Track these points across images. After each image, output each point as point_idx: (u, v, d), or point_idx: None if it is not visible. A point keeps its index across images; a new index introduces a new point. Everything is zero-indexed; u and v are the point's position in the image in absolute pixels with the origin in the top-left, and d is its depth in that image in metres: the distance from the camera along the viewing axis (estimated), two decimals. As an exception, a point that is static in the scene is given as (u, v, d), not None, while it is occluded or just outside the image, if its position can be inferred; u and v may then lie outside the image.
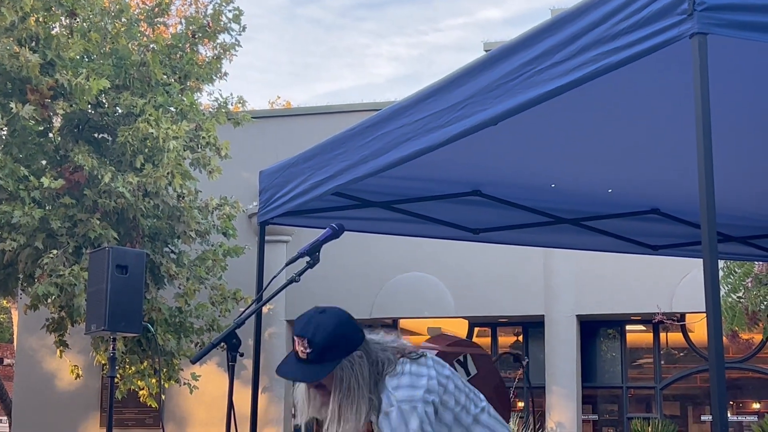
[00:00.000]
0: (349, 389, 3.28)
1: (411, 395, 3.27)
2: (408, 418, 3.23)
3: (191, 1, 24.43)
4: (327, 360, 3.33)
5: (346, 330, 3.39)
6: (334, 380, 3.31)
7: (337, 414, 3.29)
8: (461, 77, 4.08)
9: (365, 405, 3.28)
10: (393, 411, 3.24)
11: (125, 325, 7.47)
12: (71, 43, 12.22)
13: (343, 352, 3.33)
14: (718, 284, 2.90)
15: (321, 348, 3.34)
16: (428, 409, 3.27)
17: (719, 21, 2.99)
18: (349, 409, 3.27)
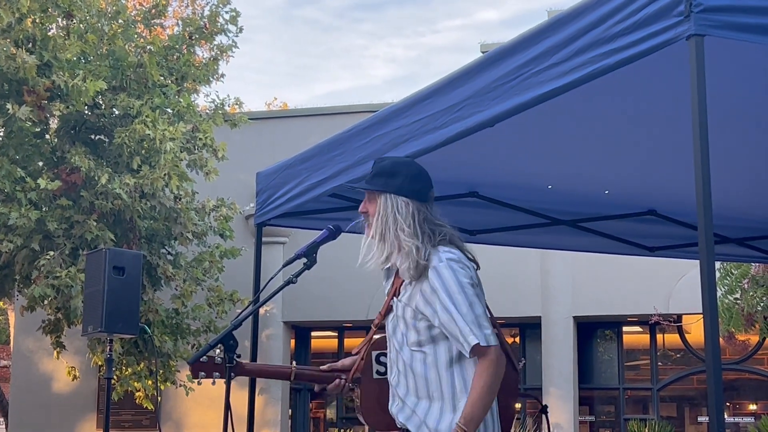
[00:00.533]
0: (386, 222, 3.53)
1: (460, 257, 3.50)
2: (458, 273, 3.44)
3: (188, 2, 24.44)
4: (374, 183, 3.60)
5: (407, 173, 3.62)
6: (377, 208, 3.56)
7: (377, 237, 3.56)
8: (458, 79, 4.08)
9: (404, 242, 3.50)
10: (443, 266, 3.45)
11: (122, 326, 7.47)
12: (68, 45, 12.21)
13: (390, 187, 3.55)
14: (714, 286, 2.91)
15: (376, 171, 3.64)
16: (473, 275, 3.52)
17: (716, 22, 2.99)
18: (386, 237, 3.53)
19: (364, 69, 52.67)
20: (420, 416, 3.52)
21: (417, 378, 3.53)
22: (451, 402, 3.47)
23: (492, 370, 3.39)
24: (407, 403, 3.57)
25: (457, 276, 3.43)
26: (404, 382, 3.59)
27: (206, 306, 13.82)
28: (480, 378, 3.38)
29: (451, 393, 3.48)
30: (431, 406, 3.50)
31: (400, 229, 3.50)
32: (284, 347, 17.11)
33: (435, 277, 3.44)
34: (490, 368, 3.39)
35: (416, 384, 3.54)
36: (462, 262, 3.48)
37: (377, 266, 3.59)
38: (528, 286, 16.05)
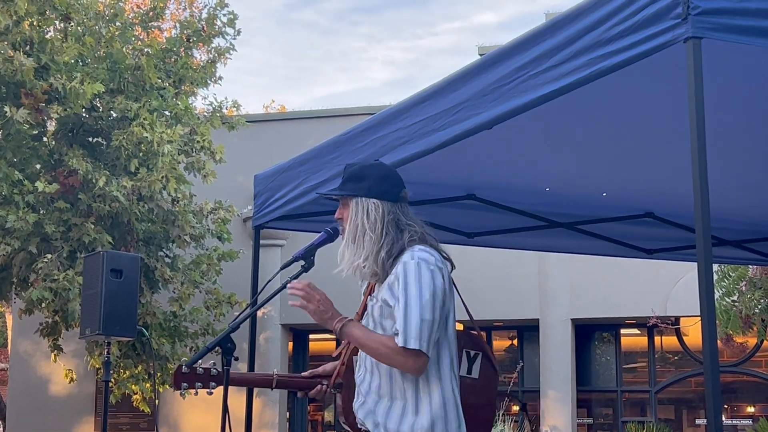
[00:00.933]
0: (355, 226, 3.55)
1: (434, 259, 3.50)
2: (423, 274, 3.43)
3: (186, 5, 24.43)
4: (344, 188, 3.64)
5: (374, 175, 3.64)
6: (349, 213, 3.60)
7: (348, 241, 3.57)
8: (456, 81, 4.08)
9: (369, 246, 3.52)
10: (412, 263, 3.45)
11: (120, 329, 7.45)
12: (65, 47, 12.20)
13: (359, 191, 3.59)
14: (712, 288, 2.90)
15: (346, 176, 3.68)
16: (440, 282, 3.48)
17: (713, 25, 2.99)
18: (354, 241, 3.55)
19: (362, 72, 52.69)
20: (379, 416, 3.53)
21: (382, 376, 3.54)
22: (413, 403, 3.48)
23: (399, 364, 3.42)
24: (368, 401, 3.59)
25: (422, 276, 3.43)
26: (369, 379, 3.60)
27: (204, 309, 13.81)
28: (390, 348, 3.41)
29: (414, 394, 3.48)
30: (392, 405, 3.52)
31: (370, 232, 3.52)
32: (282, 350, 17.11)
33: (401, 271, 3.45)
34: (403, 363, 3.41)
35: (380, 382, 3.55)
36: (433, 264, 3.48)
37: (351, 272, 3.58)
38: (526, 288, 16.05)
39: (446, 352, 3.53)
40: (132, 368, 13.47)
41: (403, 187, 3.66)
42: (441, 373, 3.50)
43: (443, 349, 3.52)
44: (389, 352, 3.42)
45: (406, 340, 3.37)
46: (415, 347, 3.36)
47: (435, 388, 3.48)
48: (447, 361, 3.53)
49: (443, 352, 3.52)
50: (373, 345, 3.48)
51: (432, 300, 3.42)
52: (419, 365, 3.41)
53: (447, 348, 3.54)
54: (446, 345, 3.54)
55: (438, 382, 3.49)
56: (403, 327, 3.39)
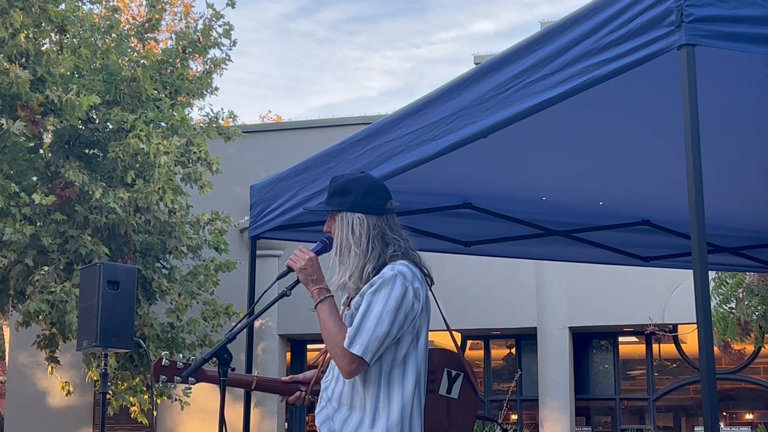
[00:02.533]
0: (341, 242, 3.55)
1: (413, 275, 3.47)
2: (395, 289, 3.41)
3: (181, 16, 24.44)
4: (330, 203, 3.63)
5: (359, 189, 3.61)
6: (335, 228, 3.60)
7: (336, 256, 3.57)
8: (451, 90, 4.09)
9: (354, 261, 3.52)
10: (390, 273, 3.44)
11: (117, 340, 7.45)
12: (61, 59, 12.21)
13: (344, 205, 3.57)
14: (708, 295, 2.91)
15: (331, 191, 3.65)
16: (411, 300, 3.44)
17: (707, 32, 3.00)
18: (340, 257, 3.55)
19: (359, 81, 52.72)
20: (336, 424, 3.51)
21: (345, 385, 3.53)
22: (371, 416, 3.45)
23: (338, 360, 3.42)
24: (328, 407, 3.57)
25: (394, 288, 3.42)
26: (333, 386, 3.59)
27: (201, 320, 13.80)
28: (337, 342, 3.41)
29: (373, 407, 3.45)
30: (351, 415, 3.49)
31: (355, 248, 3.52)
32: (280, 360, 17.09)
33: (377, 278, 3.46)
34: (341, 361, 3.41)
35: (342, 391, 3.53)
36: (410, 281, 3.46)
37: (339, 289, 3.58)
38: (523, 297, 16.05)
39: (412, 370, 3.48)
40: (130, 380, 13.45)
41: (389, 198, 3.64)
42: (404, 390, 3.45)
43: (409, 365, 3.48)
44: (336, 344, 3.42)
45: (351, 343, 3.37)
46: (357, 353, 3.36)
47: (395, 404, 3.44)
48: (412, 379, 3.47)
49: (409, 369, 3.48)
50: (329, 330, 3.48)
51: (395, 312, 3.39)
52: (352, 369, 3.40)
53: (414, 365, 3.49)
54: (413, 362, 3.49)
55: (399, 399, 3.44)
56: (355, 329, 3.39)
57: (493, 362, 17.11)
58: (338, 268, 3.56)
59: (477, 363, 17.24)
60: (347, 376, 3.44)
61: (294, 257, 3.61)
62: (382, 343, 3.39)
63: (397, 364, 3.47)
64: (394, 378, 3.46)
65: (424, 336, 3.55)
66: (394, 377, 3.46)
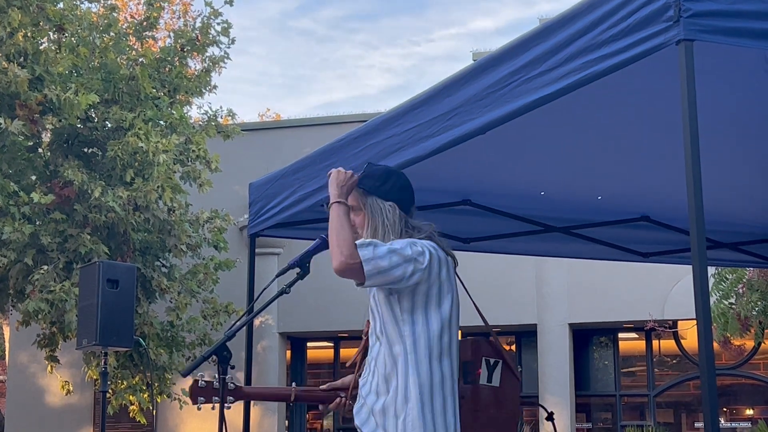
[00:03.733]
0: (375, 228, 3.61)
1: (427, 243, 3.58)
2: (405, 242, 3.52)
3: (180, 14, 24.42)
4: (363, 185, 3.69)
5: (396, 182, 3.73)
6: (365, 214, 3.65)
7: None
8: (450, 87, 4.08)
9: None
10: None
11: (116, 339, 7.45)
12: (59, 58, 12.20)
13: (379, 191, 3.65)
14: (707, 291, 2.90)
15: (365, 175, 3.73)
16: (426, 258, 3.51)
17: (705, 27, 3.00)
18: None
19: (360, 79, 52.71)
20: (377, 418, 3.53)
21: (377, 375, 3.56)
22: (403, 392, 3.49)
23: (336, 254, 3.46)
24: (367, 402, 3.59)
25: (409, 242, 3.52)
26: (370, 380, 3.60)
27: (201, 318, 13.80)
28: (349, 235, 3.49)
29: (404, 383, 3.48)
30: (386, 400, 3.53)
31: (391, 234, 3.59)
32: (280, 358, 17.08)
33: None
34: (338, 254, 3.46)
35: (378, 381, 3.56)
36: (426, 247, 3.54)
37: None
38: (523, 293, 16.04)
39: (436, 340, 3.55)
40: (129, 379, 13.45)
41: (414, 203, 3.77)
42: (431, 361, 3.51)
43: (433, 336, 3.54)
44: (344, 238, 3.47)
45: (363, 245, 3.44)
46: (362, 256, 3.41)
47: (424, 375, 3.49)
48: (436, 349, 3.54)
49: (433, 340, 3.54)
50: (340, 224, 3.53)
51: (404, 257, 3.46)
52: (350, 263, 3.42)
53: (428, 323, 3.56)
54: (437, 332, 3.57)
55: (427, 370, 3.50)
56: (372, 243, 3.46)
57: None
58: None
59: (477, 360, 17.21)
60: (341, 267, 3.45)
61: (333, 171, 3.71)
62: (385, 271, 3.43)
63: (421, 335, 3.51)
64: (418, 349, 3.49)
65: (446, 311, 3.60)
66: (419, 349, 3.49)
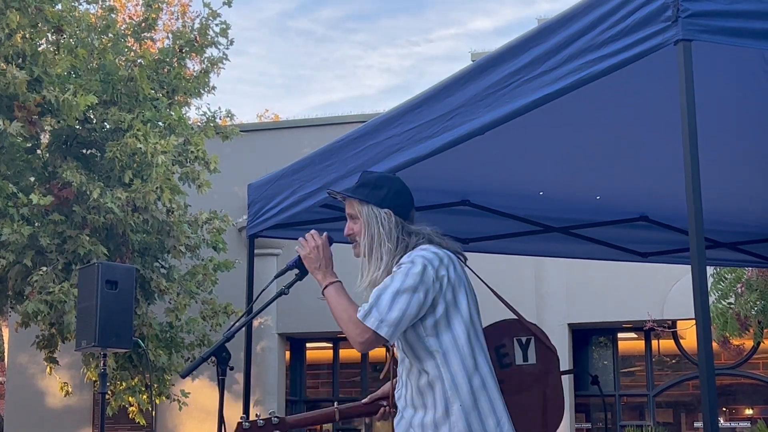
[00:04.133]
0: (371, 237, 3.54)
1: (433, 254, 3.48)
2: (414, 266, 3.43)
3: (178, 15, 24.42)
4: (359, 192, 3.62)
5: (391, 188, 3.66)
6: (362, 223, 3.58)
7: (365, 255, 3.56)
8: (449, 87, 4.09)
9: (386, 257, 3.52)
10: (408, 262, 3.46)
11: (115, 340, 7.45)
12: (58, 60, 12.20)
13: (374, 199, 3.58)
14: (706, 291, 2.90)
15: (361, 181, 3.68)
16: (431, 278, 3.44)
17: (703, 27, 3.00)
18: (371, 254, 3.54)
19: (359, 79, 52.70)
20: (415, 428, 3.49)
21: (409, 388, 3.52)
22: (443, 406, 3.43)
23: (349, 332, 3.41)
24: (405, 416, 3.55)
25: (409, 274, 3.42)
26: (403, 392, 3.57)
27: (200, 319, 13.79)
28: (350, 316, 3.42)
29: (444, 398, 3.43)
30: (425, 415, 3.46)
31: (387, 242, 3.54)
32: (279, 359, 17.08)
33: (397, 267, 3.48)
34: (352, 332, 3.40)
35: (413, 394, 3.51)
36: (429, 260, 3.46)
37: (370, 284, 3.54)
38: (522, 293, 16.03)
39: (467, 348, 3.50)
40: (129, 380, 13.44)
41: (413, 206, 3.70)
42: (466, 370, 3.45)
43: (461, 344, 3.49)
44: (348, 317, 3.42)
45: (366, 316, 3.37)
46: (370, 326, 3.35)
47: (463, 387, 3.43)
48: (470, 358, 3.49)
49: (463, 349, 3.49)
50: (340, 305, 3.48)
51: (411, 294, 3.39)
52: (365, 341, 3.38)
53: (454, 334, 3.50)
54: (465, 340, 3.51)
55: (465, 380, 3.44)
56: (370, 303, 3.39)
57: (493, 359, 17.08)
58: (369, 264, 3.54)
59: (476, 360, 17.23)
60: (360, 347, 3.42)
61: (302, 241, 3.61)
62: (398, 323, 3.37)
63: (445, 340, 3.46)
64: (451, 361, 3.44)
65: (463, 302, 3.55)
66: (451, 361, 3.44)
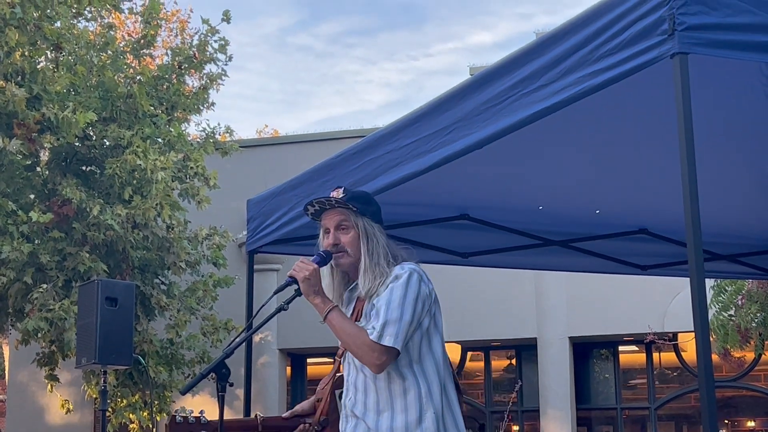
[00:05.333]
0: (372, 249, 3.63)
1: (420, 271, 3.60)
2: (411, 283, 3.53)
3: (177, 32, 24.49)
4: (355, 205, 3.68)
5: (376, 207, 3.77)
6: (360, 234, 3.65)
7: (366, 266, 3.61)
8: (447, 102, 4.09)
9: (387, 269, 3.61)
10: (405, 274, 3.55)
11: (116, 357, 7.43)
12: (57, 77, 12.21)
13: (368, 212, 3.69)
14: (705, 303, 2.90)
15: (352, 195, 3.74)
16: (426, 291, 3.57)
17: (699, 40, 3.01)
18: (374, 265, 3.61)
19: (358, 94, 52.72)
20: (383, 429, 3.56)
21: (380, 392, 3.56)
22: (417, 410, 3.53)
23: (367, 357, 3.49)
24: (366, 421, 3.59)
25: (410, 283, 3.53)
26: (362, 399, 3.62)
27: (201, 335, 13.77)
28: (363, 341, 3.48)
29: (417, 401, 3.53)
30: (394, 417, 3.55)
31: (384, 255, 3.64)
32: (280, 375, 17.06)
33: (393, 280, 3.56)
34: (369, 356, 3.48)
35: (378, 398, 3.57)
36: (422, 276, 3.59)
37: (366, 294, 3.63)
38: (523, 307, 16.03)
39: (439, 353, 3.64)
40: (129, 397, 13.42)
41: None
42: (439, 373, 3.59)
43: (435, 348, 3.63)
44: (361, 342, 3.49)
45: (381, 336, 3.46)
46: (389, 344, 3.45)
47: (435, 390, 3.56)
48: (441, 362, 3.63)
49: (436, 353, 3.62)
50: (349, 332, 3.54)
51: (414, 303, 3.51)
52: (383, 362, 3.48)
53: (439, 347, 3.65)
54: (438, 346, 3.65)
55: (437, 386, 3.57)
56: (381, 323, 3.47)
57: (494, 373, 17.07)
58: (368, 274, 3.62)
59: (477, 374, 17.21)
60: (377, 369, 3.50)
61: (297, 267, 3.65)
62: (408, 331, 3.49)
63: (425, 352, 3.58)
64: (428, 371, 3.56)
65: (440, 321, 3.68)
66: (428, 370, 3.57)
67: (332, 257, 3.74)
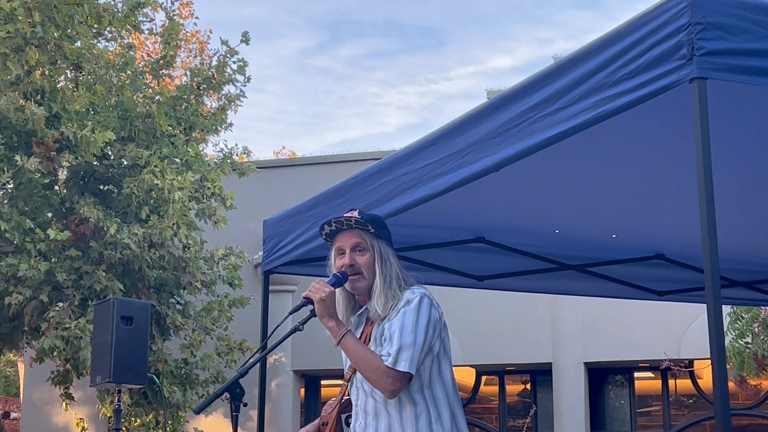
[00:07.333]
0: (387, 273, 3.66)
1: (431, 295, 3.64)
2: (422, 308, 3.56)
3: (196, 53, 24.61)
4: (373, 228, 3.73)
5: (389, 232, 3.82)
6: (375, 257, 3.69)
7: (384, 289, 3.64)
8: (464, 124, 4.09)
9: (399, 293, 3.65)
10: (416, 298, 3.58)
11: (130, 376, 7.45)
12: (76, 96, 12.28)
13: (383, 235, 3.75)
14: (722, 330, 2.88)
15: (368, 217, 3.78)
16: (437, 315, 3.63)
17: (718, 65, 3.00)
18: (388, 289, 3.64)
19: (377, 117, 52.87)
20: None
21: (391, 417, 3.55)
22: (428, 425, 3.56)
23: (382, 382, 3.51)
24: None
25: (422, 308, 3.56)
26: (374, 424, 3.64)
27: (215, 355, 13.77)
28: (378, 367, 3.51)
29: (427, 419, 3.55)
30: None
31: (397, 279, 3.69)
32: (294, 396, 17.04)
33: (405, 304, 3.58)
34: (383, 382, 3.51)
35: (390, 423, 3.58)
36: (432, 301, 3.63)
37: (377, 316, 3.66)
38: (538, 332, 15.98)
39: (449, 378, 3.67)
40: (143, 416, 13.42)
41: None
42: (449, 399, 3.63)
43: (445, 373, 3.67)
44: (375, 367, 3.52)
45: (396, 362, 3.48)
46: (404, 370, 3.48)
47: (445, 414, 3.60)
48: (450, 386, 3.67)
49: (446, 378, 3.66)
50: (363, 357, 3.57)
51: (426, 327, 3.54)
52: (397, 387, 3.51)
53: (449, 373, 3.69)
54: (448, 370, 3.69)
55: (447, 410, 3.62)
56: (396, 349, 3.49)
57: (509, 398, 17.00)
58: (382, 297, 3.65)
59: (492, 399, 17.14)
60: (391, 395, 3.53)
61: (313, 289, 3.65)
62: (420, 355, 3.52)
63: (435, 377, 3.61)
64: (437, 395, 3.60)
65: (449, 346, 3.71)
66: (438, 394, 3.60)
67: (348, 279, 3.74)
